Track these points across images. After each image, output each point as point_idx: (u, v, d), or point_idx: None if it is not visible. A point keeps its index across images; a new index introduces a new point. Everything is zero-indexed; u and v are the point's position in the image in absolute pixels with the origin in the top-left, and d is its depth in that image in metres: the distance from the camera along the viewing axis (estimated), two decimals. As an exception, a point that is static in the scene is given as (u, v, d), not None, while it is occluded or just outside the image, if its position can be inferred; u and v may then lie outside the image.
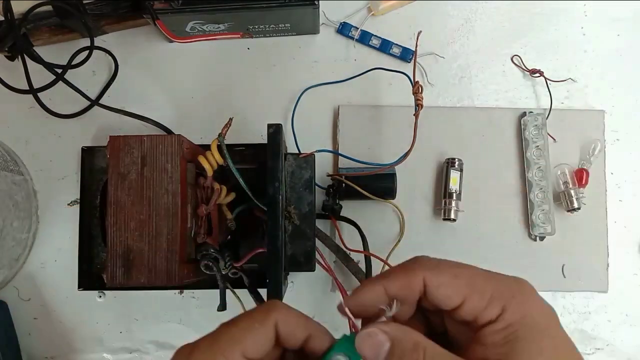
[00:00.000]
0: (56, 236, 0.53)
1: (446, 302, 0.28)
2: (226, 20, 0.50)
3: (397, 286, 0.28)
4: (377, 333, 0.27)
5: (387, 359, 0.27)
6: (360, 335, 0.28)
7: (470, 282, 0.28)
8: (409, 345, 0.27)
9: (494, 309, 0.27)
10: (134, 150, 0.42)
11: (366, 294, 0.29)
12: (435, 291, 0.28)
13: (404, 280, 0.28)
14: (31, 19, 0.49)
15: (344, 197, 0.51)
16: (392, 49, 0.55)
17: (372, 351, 0.27)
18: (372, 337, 0.27)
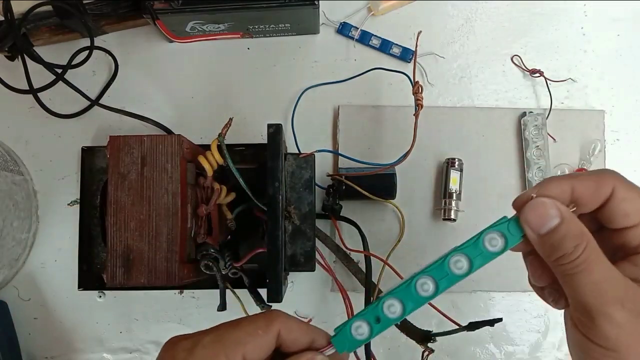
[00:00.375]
0: (56, 236, 0.53)
1: (622, 219, 0.28)
2: (226, 20, 0.50)
3: (585, 187, 0.28)
4: (552, 206, 0.27)
5: (550, 232, 0.27)
6: (533, 203, 0.28)
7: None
8: (576, 229, 0.27)
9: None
10: (134, 150, 0.42)
11: (552, 187, 0.28)
12: (619, 204, 0.28)
13: (594, 183, 0.28)
14: (31, 19, 0.49)
15: (344, 197, 0.51)
16: (392, 49, 0.55)
17: (539, 220, 0.27)
18: (545, 207, 0.27)
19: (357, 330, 0.31)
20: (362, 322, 0.31)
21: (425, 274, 0.31)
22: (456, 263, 0.31)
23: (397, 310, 0.31)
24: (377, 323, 0.31)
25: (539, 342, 0.54)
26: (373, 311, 0.31)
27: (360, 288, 0.50)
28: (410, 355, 0.52)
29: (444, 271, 0.31)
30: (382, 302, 0.31)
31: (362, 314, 0.31)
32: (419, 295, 0.31)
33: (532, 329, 0.54)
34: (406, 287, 0.31)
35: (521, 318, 0.54)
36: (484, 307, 0.53)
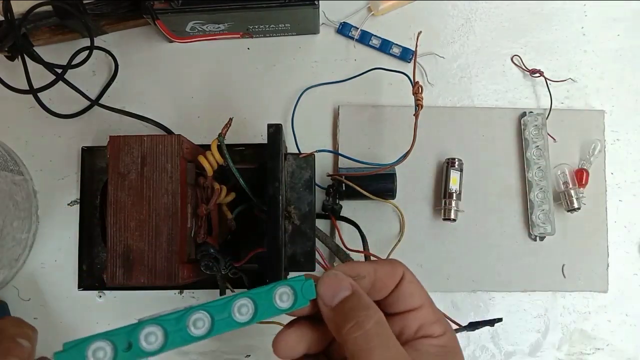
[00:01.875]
0: (56, 236, 0.53)
1: (408, 301, 0.30)
2: (226, 20, 0.50)
3: (384, 270, 0.30)
4: (344, 279, 0.29)
5: (339, 304, 0.28)
6: (327, 274, 0.29)
7: (428, 298, 0.31)
8: (365, 302, 0.28)
9: (439, 327, 0.30)
10: (134, 150, 0.42)
11: (361, 268, 0.30)
12: (407, 286, 0.31)
13: (389, 267, 0.31)
14: (31, 19, 0.49)
15: (344, 197, 0.51)
16: (392, 49, 0.55)
17: (330, 291, 0.29)
18: (338, 279, 0.29)
19: (95, 354, 0.25)
20: (105, 345, 0.25)
21: (203, 308, 0.27)
22: (240, 308, 0.28)
23: (156, 341, 0.26)
24: (126, 350, 0.25)
25: (539, 342, 0.54)
26: (126, 334, 0.26)
27: (360, 288, 0.50)
28: (410, 355, 0.52)
29: (226, 312, 0.27)
30: (141, 327, 0.26)
31: (110, 334, 0.25)
32: (186, 332, 0.26)
33: (532, 329, 0.54)
34: (176, 318, 0.26)
35: (521, 318, 0.54)
36: (484, 307, 0.53)
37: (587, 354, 0.54)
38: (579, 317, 0.54)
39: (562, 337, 0.54)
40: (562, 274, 0.53)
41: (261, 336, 0.52)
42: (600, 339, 0.54)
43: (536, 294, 0.54)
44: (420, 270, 0.52)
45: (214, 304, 0.27)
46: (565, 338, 0.54)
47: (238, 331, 0.52)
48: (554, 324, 0.54)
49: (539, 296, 0.54)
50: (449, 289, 0.53)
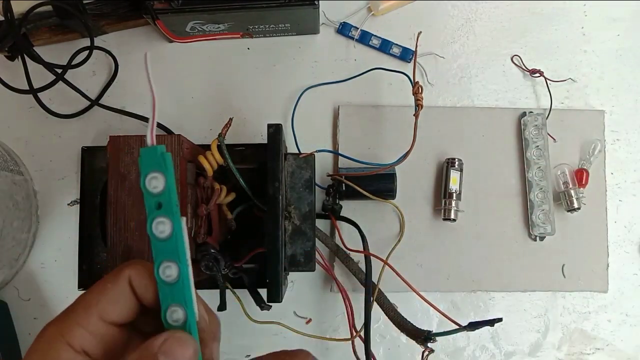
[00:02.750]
0: (56, 236, 0.53)
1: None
2: (226, 20, 0.50)
3: None
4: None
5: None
6: None
7: None
8: None
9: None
10: (134, 150, 0.41)
11: None
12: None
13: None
14: (31, 19, 0.49)
15: (344, 197, 0.51)
16: (392, 49, 0.55)
17: None
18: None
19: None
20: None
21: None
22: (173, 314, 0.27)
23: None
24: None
25: (539, 342, 0.54)
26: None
27: (360, 288, 0.50)
28: (410, 355, 0.52)
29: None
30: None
31: None
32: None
33: (532, 329, 0.54)
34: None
35: (521, 318, 0.54)
36: (484, 307, 0.53)
37: (587, 354, 0.54)
38: (579, 317, 0.54)
39: (562, 337, 0.54)
40: (562, 274, 0.53)
41: (261, 336, 0.52)
42: (600, 339, 0.54)
43: (536, 294, 0.54)
44: (420, 270, 0.52)
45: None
46: (565, 338, 0.54)
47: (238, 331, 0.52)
48: (554, 324, 0.54)
49: (539, 296, 0.54)
50: (449, 289, 0.53)
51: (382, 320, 0.50)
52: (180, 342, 0.26)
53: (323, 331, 0.52)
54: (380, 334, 0.52)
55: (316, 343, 0.51)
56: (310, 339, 0.49)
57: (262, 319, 0.47)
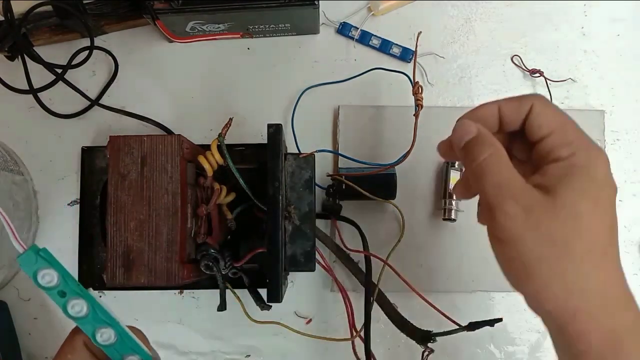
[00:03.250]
0: (56, 236, 0.53)
1: (537, 131, 0.32)
2: (226, 20, 0.50)
3: (509, 106, 0.33)
4: (469, 124, 0.33)
5: (465, 145, 0.33)
6: (458, 123, 0.34)
7: (563, 123, 0.32)
8: (488, 140, 0.32)
9: (567, 150, 0.31)
10: (134, 150, 0.42)
11: (482, 109, 0.34)
12: (535, 117, 0.32)
13: (516, 102, 0.33)
14: (31, 19, 0.49)
15: (344, 197, 0.51)
16: (392, 49, 0.55)
17: (458, 136, 0.34)
18: (464, 125, 0.33)
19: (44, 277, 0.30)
20: (55, 275, 0.30)
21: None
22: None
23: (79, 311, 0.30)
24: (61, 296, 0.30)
25: (539, 342, 0.54)
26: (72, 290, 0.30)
27: (360, 288, 0.50)
28: (410, 355, 0.52)
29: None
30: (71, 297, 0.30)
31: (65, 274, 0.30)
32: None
33: (532, 329, 0.54)
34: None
35: (521, 318, 0.54)
36: (484, 307, 0.53)
37: (587, 354, 0.54)
38: (579, 317, 0.54)
39: (562, 337, 0.54)
40: (562, 274, 0.53)
41: (261, 336, 0.52)
42: (600, 339, 0.54)
43: (536, 294, 0.54)
44: (420, 270, 0.52)
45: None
46: (565, 338, 0.54)
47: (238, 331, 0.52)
48: (554, 324, 0.54)
49: (539, 296, 0.54)
50: (449, 289, 0.53)
51: (382, 320, 0.50)
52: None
53: (323, 331, 0.52)
54: (380, 334, 0.52)
55: (316, 343, 0.51)
56: (310, 339, 0.49)
57: (262, 319, 0.47)
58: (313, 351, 0.52)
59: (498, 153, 0.32)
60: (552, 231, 0.29)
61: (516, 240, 0.30)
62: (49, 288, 0.29)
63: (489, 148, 0.32)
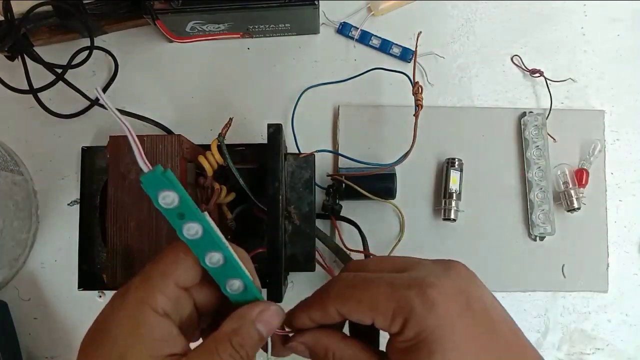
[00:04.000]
0: (56, 236, 0.53)
1: (362, 323, 0.31)
2: (226, 20, 0.50)
3: (318, 316, 0.32)
4: (297, 346, 0.33)
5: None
6: (285, 348, 0.33)
7: (373, 304, 0.30)
8: (321, 351, 0.32)
9: (397, 324, 0.29)
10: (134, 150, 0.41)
11: (298, 320, 0.33)
12: (350, 317, 0.31)
13: (322, 313, 0.32)
14: (31, 19, 0.49)
15: (344, 197, 0.51)
16: (392, 49, 0.55)
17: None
18: (294, 348, 0.33)
19: (165, 198, 0.28)
20: (175, 197, 0.28)
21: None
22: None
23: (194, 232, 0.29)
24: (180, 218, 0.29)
25: (539, 342, 0.54)
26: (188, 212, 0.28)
27: (360, 288, 0.50)
28: (410, 355, 0.52)
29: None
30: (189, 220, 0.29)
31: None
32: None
33: (532, 329, 0.54)
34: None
35: (521, 318, 0.54)
36: (484, 307, 0.53)
37: (587, 354, 0.54)
38: (579, 317, 0.54)
39: (562, 337, 0.54)
40: (562, 274, 0.53)
41: (261, 336, 0.52)
42: (600, 339, 0.54)
43: (536, 294, 0.54)
44: (420, 270, 0.52)
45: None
46: (565, 338, 0.54)
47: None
48: (554, 324, 0.54)
49: (539, 296, 0.54)
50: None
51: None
52: (273, 312, 0.30)
53: (323, 331, 0.52)
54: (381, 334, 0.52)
55: (316, 343, 0.51)
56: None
57: (262, 319, 0.47)
58: (313, 351, 0.52)
59: (342, 354, 0.32)
60: None
61: None
62: (169, 209, 0.28)
63: (329, 356, 0.32)
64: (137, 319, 0.28)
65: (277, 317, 0.31)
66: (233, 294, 0.31)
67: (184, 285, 0.29)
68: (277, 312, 0.31)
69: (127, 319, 0.28)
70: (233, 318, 0.30)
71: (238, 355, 0.28)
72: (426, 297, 0.28)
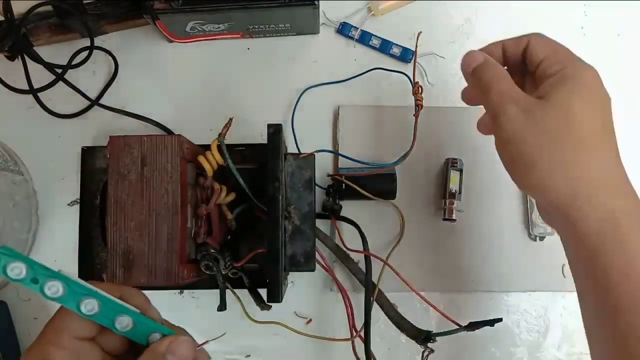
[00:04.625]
0: (56, 236, 0.53)
1: (534, 59, 0.37)
2: (226, 20, 0.50)
3: (511, 42, 0.39)
4: (478, 52, 0.39)
5: (475, 68, 0.38)
6: (467, 53, 0.40)
7: (555, 48, 0.38)
8: (491, 62, 0.38)
9: (557, 67, 0.36)
10: (134, 150, 0.42)
11: (488, 46, 0.40)
12: (531, 48, 0.38)
13: (517, 39, 0.39)
14: (31, 19, 0.49)
15: (344, 197, 0.51)
16: (392, 49, 0.55)
17: (466, 63, 0.39)
18: (472, 53, 0.39)
19: (13, 270, 0.29)
20: (23, 267, 0.29)
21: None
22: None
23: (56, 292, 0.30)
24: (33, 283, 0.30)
25: (539, 342, 0.54)
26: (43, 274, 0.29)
27: (360, 288, 0.50)
28: (410, 355, 0.52)
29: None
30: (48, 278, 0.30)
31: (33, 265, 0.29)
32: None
33: (532, 329, 0.54)
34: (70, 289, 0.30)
35: (521, 318, 0.54)
36: (484, 307, 0.53)
37: (587, 354, 0.54)
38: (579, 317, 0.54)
39: (562, 337, 0.54)
40: (562, 274, 0.53)
41: (261, 336, 0.52)
42: (600, 339, 0.54)
43: (536, 294, 0.54)
44: (420, 270, 0.52)
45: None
46: (565, 338, 0.54)
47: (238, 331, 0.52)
48: (554, 324, 0.54)
49: (539, 296, 0.54)
50: (449, 289, 0.53)
51: (382, 320, 0.50)
52: (181, 342, 0.31)
53: (323, 331, 0.52)
54: (380, 334, 0.52)
55: (316, 343, 0.51)
56: (310, 339, 0.49)
57: (262, 319, 0.47)
58: (313, 351, 0.52)
59: (500, 71, 0.37)
60: (548, 126, 0.33)
61: (518, 138, 0.34)
62: (22, 279, 0.29)
63: (493, 68, 0.37)
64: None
65: (187, 345, 0.31)
66: (126, 331, 0.31)
67: (82, 336, 0.30)
68: (186, 341, 0.32)
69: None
70: (144, 355, 0.30)
71: None
72: (586, 78, 0.36)
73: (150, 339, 0.31)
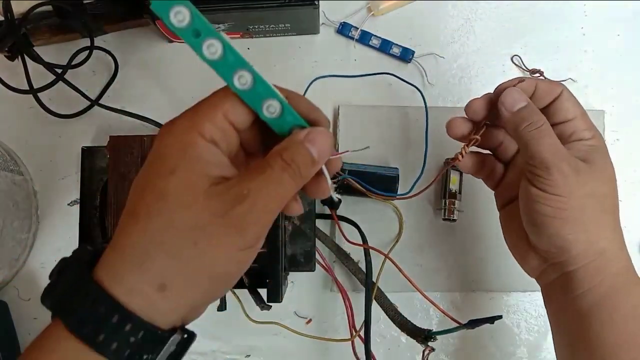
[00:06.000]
0: (56, 236, 0.53)
1: (564, 113, 0.38)
2: (226, 20, 0.50)
3: (544, 86, 0.39)
4: (522, 93, 0.38)
5: (517, 111, 0.37)
6: (510, 90, 0.38)
7: (583, 112, 0.39)
8: (537, 110, 0.37)
9: (589, 133, 0.38)
10: (134, 150, 0.42)
11: (524, 83, 0.38)
12: (564, 102, 0.38)
13: (550, 85, 0.39)
14: (31, 19, 0.49)
15: (344, 191, 0.51)
16: (392, 49, 0.55)
17: (511, 101, 0.38)
18: (518, 93, 0.38)
19: (177, 15, 0.26)
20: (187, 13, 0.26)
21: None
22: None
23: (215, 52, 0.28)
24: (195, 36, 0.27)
25: (539, 342, 0.54)
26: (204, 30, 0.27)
27: (360, 288, 0.50)
28: (410, 355, 0.52)
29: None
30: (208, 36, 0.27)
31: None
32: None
33: (532, 329, 0.54)
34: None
35: (521, 318, 0.54)
36: (484, 307, 0.53)
37: (587, 354, 0.54)
38: (579, 317, 0.54)
39: (562, 337, 0.54)
40: (562, 274, 0.53)
41: (261, 336, 0.52)
42: (600, 339, 0.54)
43: (536, 294, 0.54)
44: (420, 270, 0.52)
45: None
46: (565, 338, 0.54)
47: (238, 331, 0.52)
48: (554, 324, 0.54)
49: (539, 296, 0.53)
50: (449, 289, 0.53)
51: (382, 320, 0.50)
52: (321, 132, 0.31)
53: (323, 331, 0.52)
54: (380, 334, 0.52)
55: (316, 343, 0.51)
56: (310, 339, 0.49)
57: (262, 319, 0.47)
58: (313, 351, 0.52)
59: (547, 121, 0.37)
60: (595, 189, 0.37)
61: (568, 194, 0.36)
62: (182, 28, 0.26)
63: (538, 115, 0.37)
64: (185, 142, 0.28)
65: (325, 136, 0.31)
66: (272, 118, 0.29)
67: (232, 119, 0.29)
68: (324, 132, 0.31)
69: (176, 142, 0.28)
70: (285, 141, 0.30)
71: (290, 168, 0.29)
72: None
73: (292, 130, 0.30)
